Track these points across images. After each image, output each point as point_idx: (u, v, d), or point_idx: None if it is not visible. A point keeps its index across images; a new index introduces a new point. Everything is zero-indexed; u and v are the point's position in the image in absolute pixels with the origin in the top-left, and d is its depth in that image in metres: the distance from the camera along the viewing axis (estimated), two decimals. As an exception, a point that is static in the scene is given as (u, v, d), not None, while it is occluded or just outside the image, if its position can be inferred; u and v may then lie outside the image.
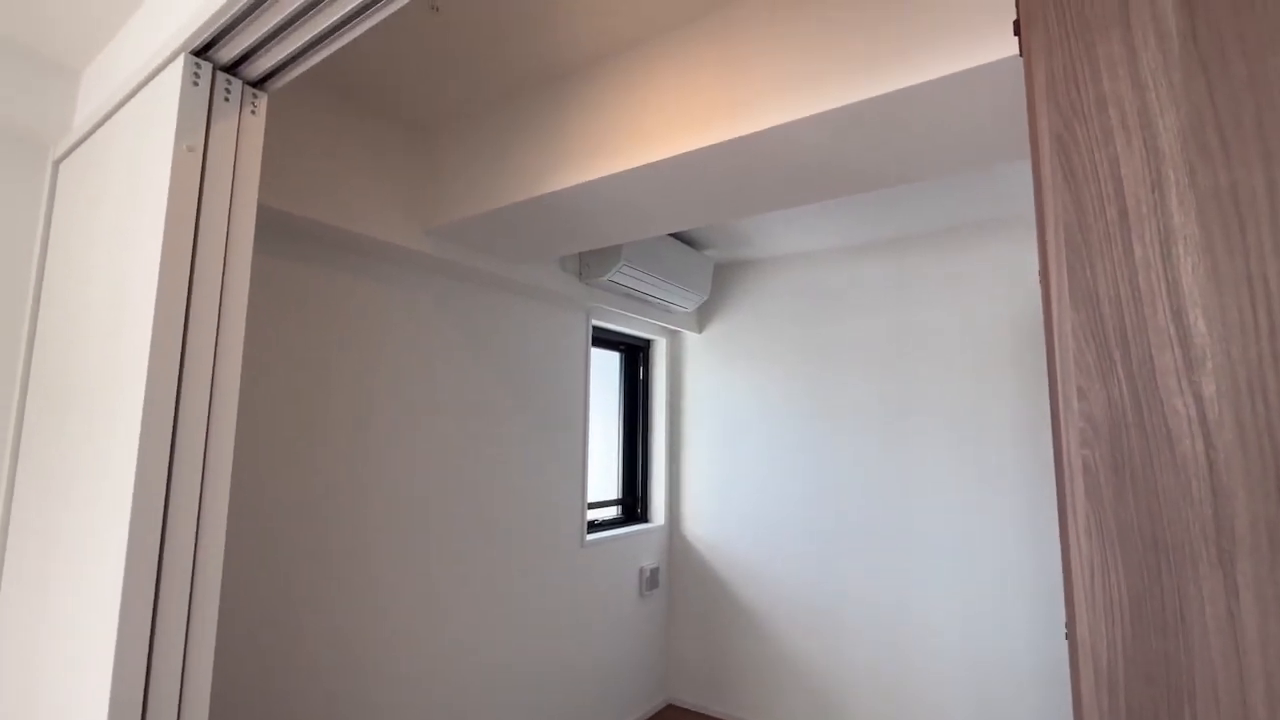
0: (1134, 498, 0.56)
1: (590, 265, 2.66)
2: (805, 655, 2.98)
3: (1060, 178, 0.62)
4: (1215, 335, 0.54)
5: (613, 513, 3.32)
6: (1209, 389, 0.54)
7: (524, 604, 2.49)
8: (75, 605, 0.91)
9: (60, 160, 1.29)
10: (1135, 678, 0.55)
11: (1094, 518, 0.58)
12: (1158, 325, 0.56)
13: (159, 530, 0.85)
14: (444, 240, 2.06)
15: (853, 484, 2.93)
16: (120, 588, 0.81)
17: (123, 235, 0.99)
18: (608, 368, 3.43)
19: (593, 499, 3.13)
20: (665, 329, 3.52)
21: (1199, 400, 0.54)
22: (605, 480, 3.33)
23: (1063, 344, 0.61)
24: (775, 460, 3.16)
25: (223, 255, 0.95)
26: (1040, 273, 0.66)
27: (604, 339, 3.30)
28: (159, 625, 0.84)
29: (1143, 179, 0.58)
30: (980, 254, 2.73)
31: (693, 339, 3.51)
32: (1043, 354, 2.56)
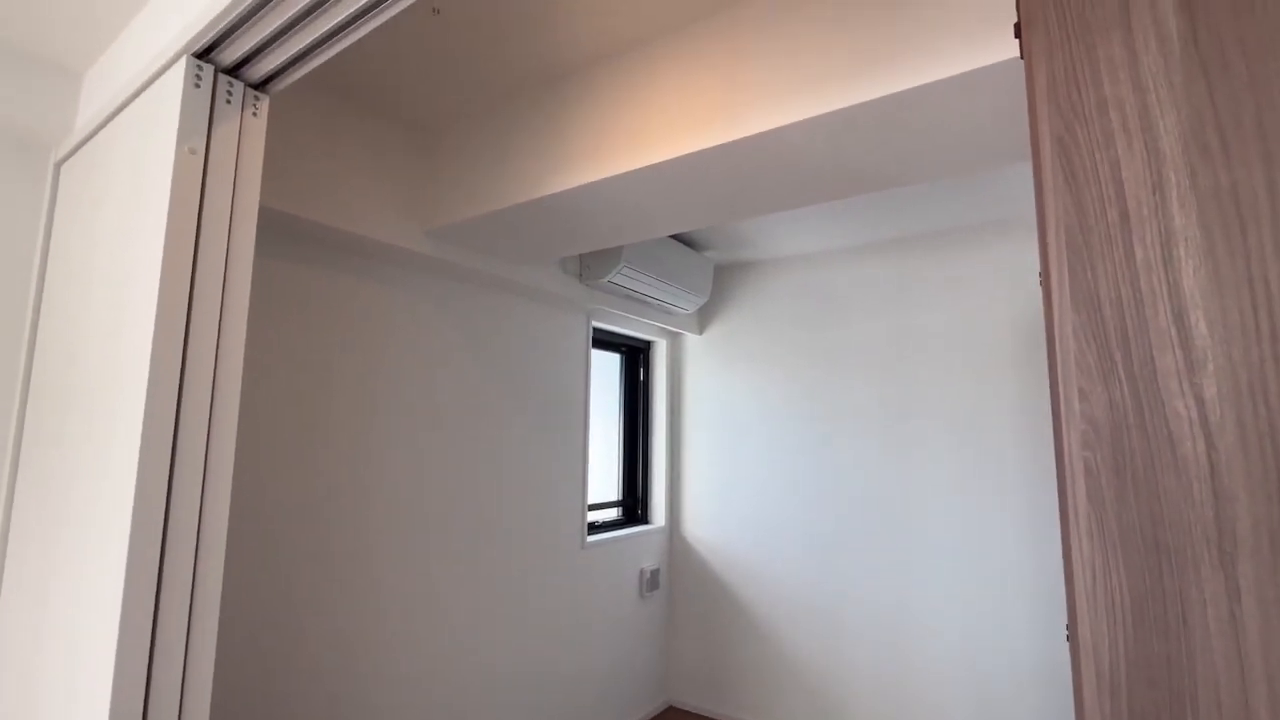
0: (1135, 500, 0.56)
1: (591, 267, 2.67)
2: (805, 656, 2.98)
3: (1061, 180, 0.62)
4: (1216, 337, 0.54)
5: (613, 514, 3.32)
6: (1210, 391, 0.54)
7: (524, 605, 2.49)
8: (75, 609, 0.91)
9: (62, 162, 1.30)
10: (1137, 680, 0.55)
11: (1095, 519, 0.58)
12: (1159, 327, 0.56)
13: (160, 531, 0.85)
14: (445, 242, 2.06)
15: (853, 485, 2.93)
16: (121, 590, 0.81)
17: (124, 237, 0.99)
18: (608, 369, 3.43)
19: (593, 500, 3.13)
20: (666, 331, 3.52)
21: (1200, 402, 0.54)
22: (606, 482, 3.33)
23: (1064, 346, 0.61)
24: (776, 462, 3.16)
25: (224, 257, 0.95)
26: (1041, 275, 0.66)
27: (604, 340, 3.30)
28: (160, 624, 0.84)
29: (1144, 181, 0.58)
30: (980, 256, 2.73)
31: (693, 340, 3.51)
32: (1043, 356, 2.56)
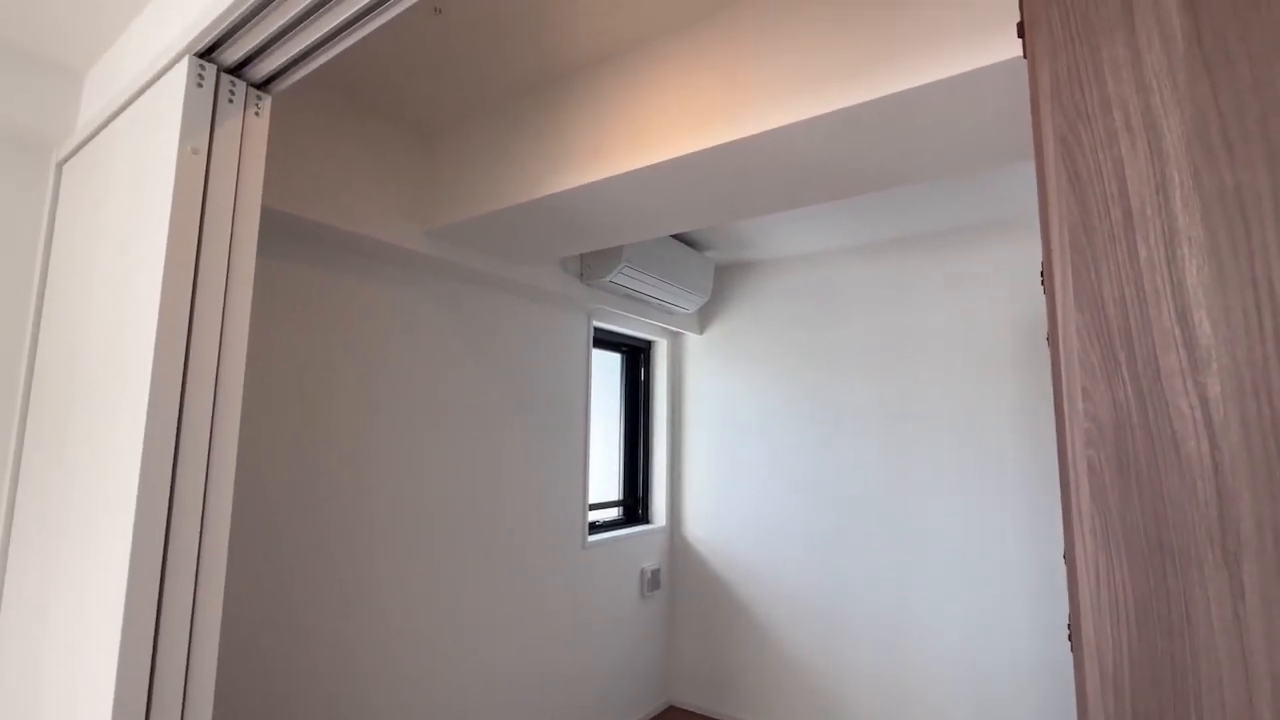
0: (1139, 499, 0.56)
1: (592, 266, 2.67)
2: (806, 656, 2.98)
3: (1065, 179, 0.62)
4: (1220, 336, 0.54)
5: (614, 514, 3.32)
6: (1214, 390, 0.54)
7: (525, 605, 2.49)
8: (79, 606, 0.91)
9: (64, 162, 1.29)
10: (1141, 679, 0.55)
11: (1099, 518, 0.58)
12: (1162, 326, 0.56)
13: (163, 531, 0.85)
14: (446, 241, 2.06)
15: (853, 485, 2.93)
16: (124, 589, 0.82)
17: (126, 237, 0.99)
18: (609, 369, 3.43)
19: (594, 500, 3.13)
20: (666, 330, 3.52)
21: (1204, 401, 0.54)
22: (606, 481, 3.33)
23: (1067, 345, 0.61)
24: (776, 461, 3.16)
25: (226, 257, 0.95)
26: (1044, 274, 0.66)
27: (605, 340, 3.30)
28: (163, 624, 0.84)
29: (1147, 180, 0.58)
30: (981, 256, 2.73)
31: (694, 340, 3.51)
32: (1043, 356, 2.56)
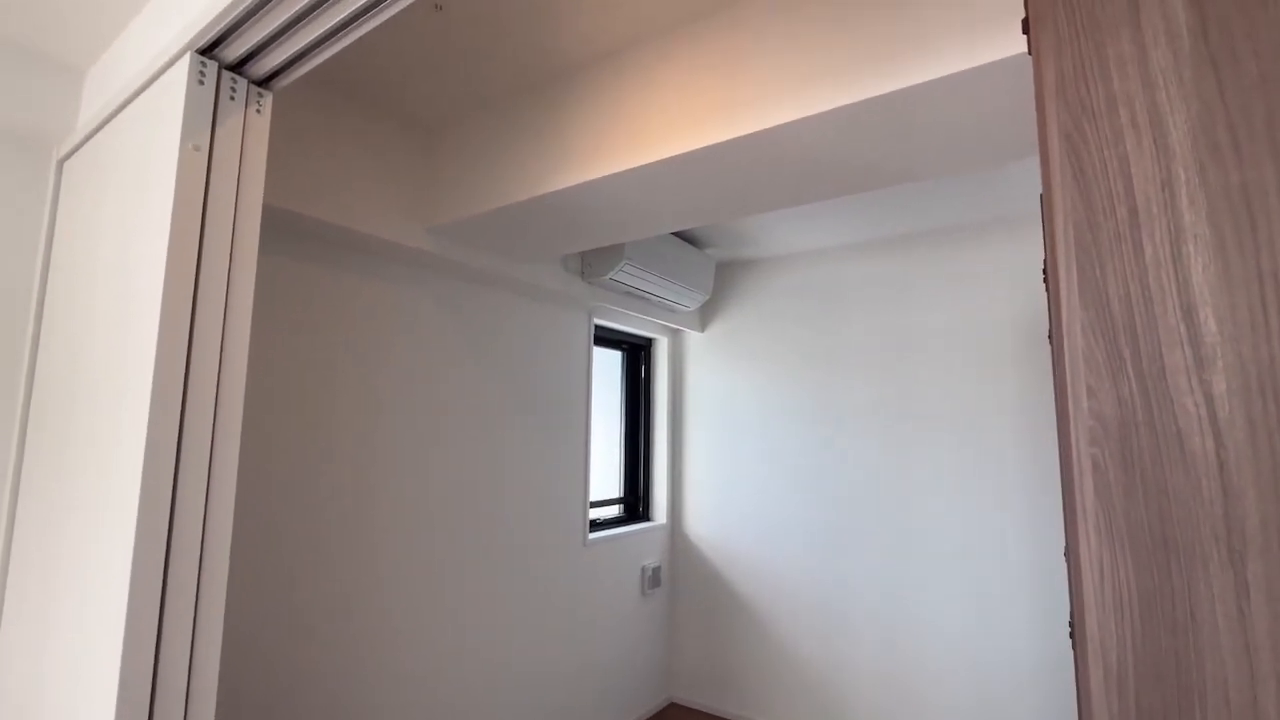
0: (1144, 496, 0.56)
1: (592, 264, 2.66)
2: (807, 653, 2.99)
3: (1070, 176, 0.62)
4: (1226, 334, 0.54)
5: (615, 511, 3.32)
6: (1219, 387, 0.54)
7: (526, 603, 2.49)
8: (80, 609, 0.91)
9: (65, 160, 1.29)
10: (1145, 676, 0.55)
11: (1103, 516, 0.58)
12: (1168, 324, 0.56)
13: (165, 531, 0.85)
14: (447, 239, 2.06)
15: (854, 483, 2.93)
16: (127, 590, 0.82)
17: (128, 234, 0.99)
18: (610, 366, 3.43)
19: (595, 498, 3.13)
20: (667, 328, 3.52)
21: (1209, 399, 0.54)
22: (607, 479, 3.33)
23: (1071, 342, 0.61)
24: (777, 459, 3.16)
25: (228, 255, 0.95)
26: (1048, 271, 0.66)
27: (606, 338, 3.30)
28: (165, 623, 0.84)
29: (1153, 177, 0.58)
30: (982, 254, 2.72)
31: (695, 338, 3.51)
32: (1043, 356, 2.55)
